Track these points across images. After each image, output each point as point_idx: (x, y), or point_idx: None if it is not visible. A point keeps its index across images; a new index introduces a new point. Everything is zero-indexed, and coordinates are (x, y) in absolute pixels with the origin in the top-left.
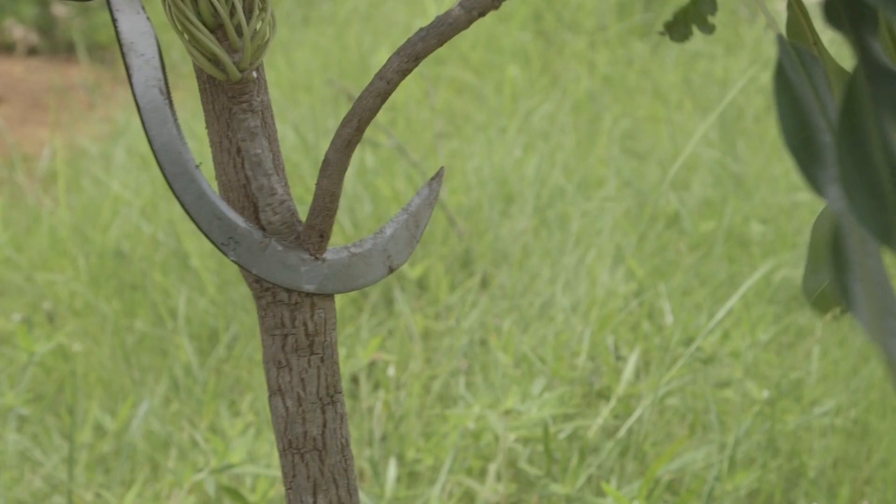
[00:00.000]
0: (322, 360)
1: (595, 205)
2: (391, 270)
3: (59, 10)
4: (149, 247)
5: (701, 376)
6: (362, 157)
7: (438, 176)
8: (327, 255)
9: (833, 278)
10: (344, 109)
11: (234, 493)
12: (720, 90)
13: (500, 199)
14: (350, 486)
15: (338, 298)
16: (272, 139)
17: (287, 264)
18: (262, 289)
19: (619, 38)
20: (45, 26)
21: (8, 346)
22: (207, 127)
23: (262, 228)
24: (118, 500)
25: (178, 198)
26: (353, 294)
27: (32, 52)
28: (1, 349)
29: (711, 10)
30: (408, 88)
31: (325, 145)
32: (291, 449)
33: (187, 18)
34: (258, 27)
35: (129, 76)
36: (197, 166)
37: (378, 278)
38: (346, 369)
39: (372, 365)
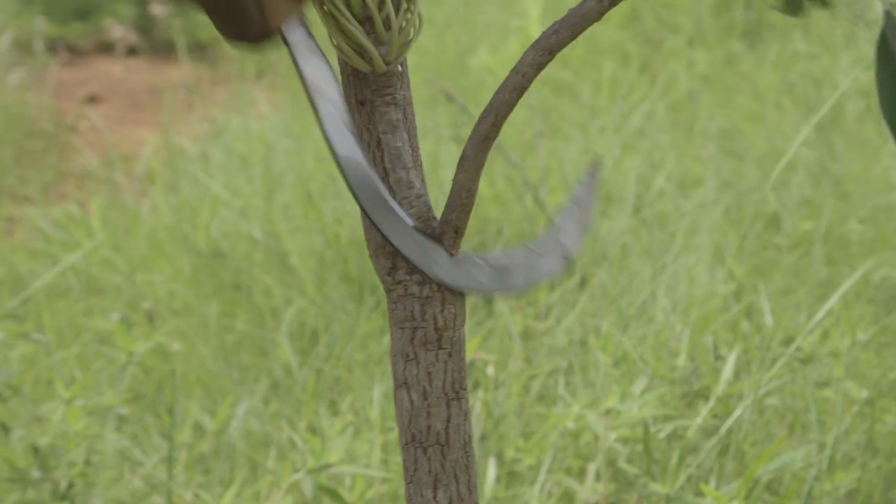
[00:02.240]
0: (450, 354)
1: (694, 204)
2: (568, 261)
3: (158, 10)
4: (248, 246)
5: (800, 376)
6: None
7: (597, 165)
8: (511, 255)
9: None
10: (442, 109)
11: (332, 493)
12: (819, 90)
13: (599, 198)
14: (471, 483)
15: None
16: (412, 134)
17: (476, 272)
18: (394, 281)
19: (717, 38)
20: (145, 26)
21: (107, 345)
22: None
23: None
24: (217, 500)
25: (380, 230)
26: None
27: (132, 51)
28: (100, 349)
29: None
30: None
31: (423, 145)
32: (414, 443)
33: (337, 9)
34: (405, 22)
35: (320, 122)
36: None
37: (557, 270)
38: None
39: (471, 364)
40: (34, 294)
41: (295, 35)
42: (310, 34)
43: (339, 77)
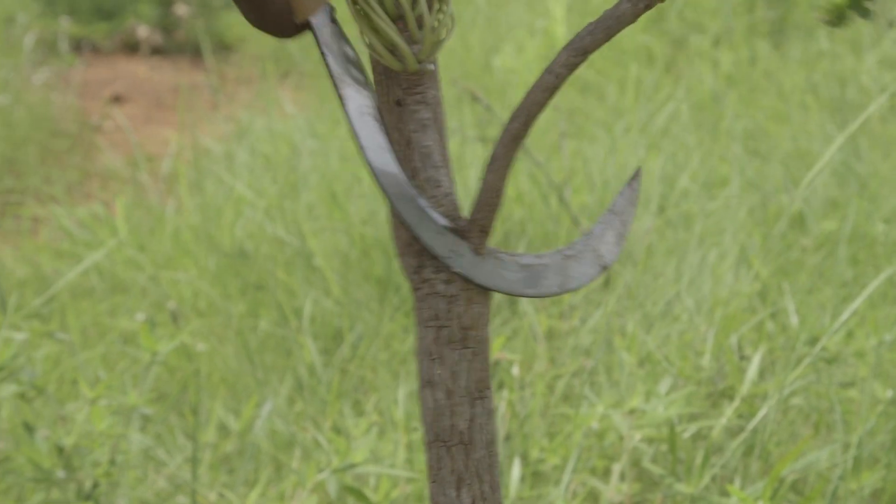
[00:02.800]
0: (474, 354)
1: (719, 204)
2: (603, 269)
3: (182, 10)
4: (273, 246)
5: (825, 376)
6: (485, 157)
7: (637, 176)
8: (544, 260)
9: None
10: (467, 109)
11: (357, 493)
12: (844, 90)
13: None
14: (493, 483)
15: None
16: (442, 133)
17: (506, 272)
18: (421, 280)
19: (742, 38)
20: (169, 26)
21: (131, 345)
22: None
23: None
24: (241, 499)
25: (401, 217)
26: None
27: (156, 51)
28: (124, 349)
29: None
30: None
31: (448, 145)
32: (438, 442)
33: (370, 6)
34: (437, 22)
35: (346, 108)
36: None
37: (592, 277)
38: None
39: (496, 364)
40: (59, 294)
41: (323, 26)
42: (338, 25)
43: (370, 74)
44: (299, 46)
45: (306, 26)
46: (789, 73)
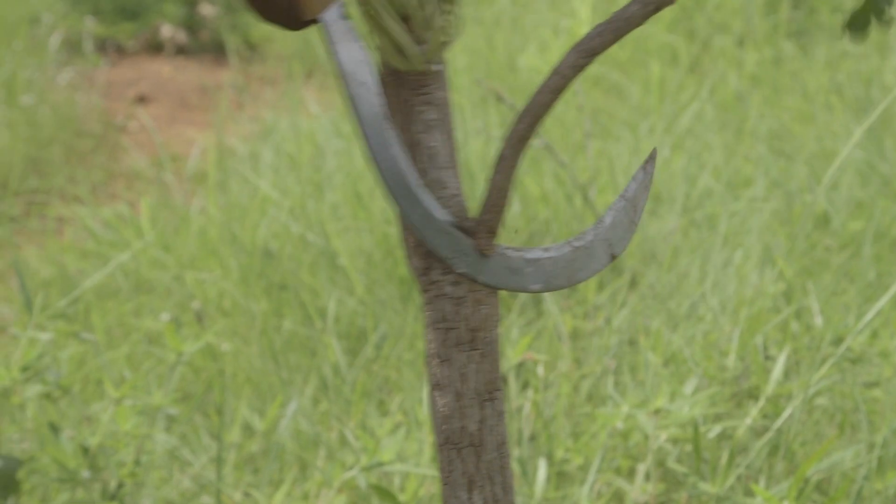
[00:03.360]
0: (483, 355)
1: (743, 205)
2: (613, 258)
3: (207, 10)
4: (297, 246)
5: (850, 376)
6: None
7: (651, 158)
8: (551, 252)
9: None
10: (492, 110)
11: (385, 492)
12: (868, 90)
13: (649, 198)
14: (505, 484)
15: None
16: (449, 134)
17: (512, 268)
18: (429, 282)
19: (766, 38)
20: (194, 26)
21: (156, 345)
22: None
23: None
24: (266, 499)
25: (405, 216)
26: (501, 294)
27: (181, 51)
28: (149, 349)
29: (889, 3)
30: None
31: (473, 145)
32: (448, 444)
33: (379, 6)
34: (445, 22)
35: (354, 104)
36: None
37: (600, 267)
38: None
39: (521, 365)
40: (84, 294)
41: (333, 24)
42: (347, 20)
43: (377, 74)
44: (324, 46)
45: (314, 20)
46: (814, 73)
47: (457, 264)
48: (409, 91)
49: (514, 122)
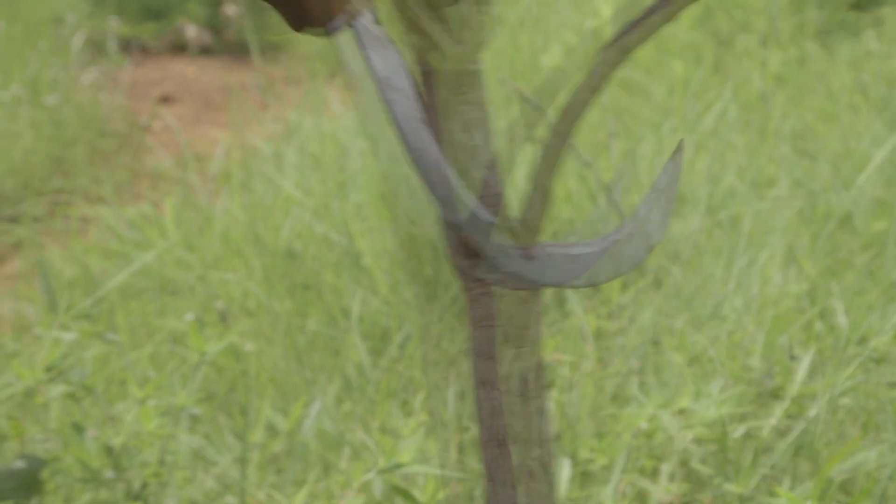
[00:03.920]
0: (528, 352)
1: (767, 205)
2: (651, 249)
3: (231, 10)
4: (321, 246)
5: (874, 376)
6: (534, 157)
7: (679, 150)
8: (594, 247)
9: None
10: (516, 109)
11: (404, 493)
12: (892, 90)
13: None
14: (550, 480)
15: None
16: (488, 133)
17: (556, 265)
18: (472, 280)
19: (790, 37)
20: (218, 26)
21: (180, 345)
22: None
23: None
24: (290, 499)
25: (449, 217)
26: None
27: (205, 51)
28: (173, 349)
29: None
30: None
31: (497, 144)
32: (493, 441)
33: (414, 6)
34: (481, 21)
35: (391, 110)
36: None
37: (640, 259)
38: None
39: (547, 366)
40: (108, 294)
41: (364, 27)
42: (378, 24)
43: (413, 74)
44: (341, 53)
45: (344, 24)
46: (838, 73)
47: (501, 263)
48: (448, 91)
49: (554, 121)
